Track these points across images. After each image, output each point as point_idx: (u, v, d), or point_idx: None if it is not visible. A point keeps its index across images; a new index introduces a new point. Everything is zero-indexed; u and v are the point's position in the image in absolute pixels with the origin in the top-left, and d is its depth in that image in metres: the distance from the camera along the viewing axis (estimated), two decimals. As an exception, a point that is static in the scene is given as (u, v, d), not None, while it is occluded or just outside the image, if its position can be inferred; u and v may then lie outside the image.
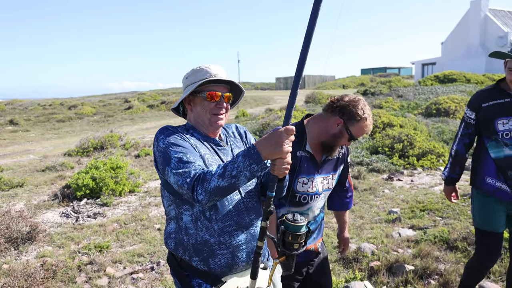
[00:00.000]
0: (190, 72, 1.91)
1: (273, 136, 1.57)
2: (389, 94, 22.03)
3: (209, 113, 1.87)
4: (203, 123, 1.90)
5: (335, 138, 2.28)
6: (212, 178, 1.58)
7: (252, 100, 27.53)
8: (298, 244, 1.67)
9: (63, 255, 4.67)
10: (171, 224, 1.87)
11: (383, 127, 10.87)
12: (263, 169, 1.62)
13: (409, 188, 7.06)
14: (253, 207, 1.90)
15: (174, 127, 1.88)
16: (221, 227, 1.78)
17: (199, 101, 1.89)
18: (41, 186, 7.73)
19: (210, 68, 1.88)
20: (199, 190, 1.59)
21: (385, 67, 60.28)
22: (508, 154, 2.75)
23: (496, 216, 2.85)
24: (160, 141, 1.78)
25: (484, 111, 2.84)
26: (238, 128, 2.12)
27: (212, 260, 1.79)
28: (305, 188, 2.32)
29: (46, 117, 21.94)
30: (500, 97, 2.79)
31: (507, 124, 2.73)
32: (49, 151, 12.30)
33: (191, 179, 1.61)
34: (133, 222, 5.77)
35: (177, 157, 1.69)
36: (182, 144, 1.75)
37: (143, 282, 4.01)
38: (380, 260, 4.05)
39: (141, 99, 30.33)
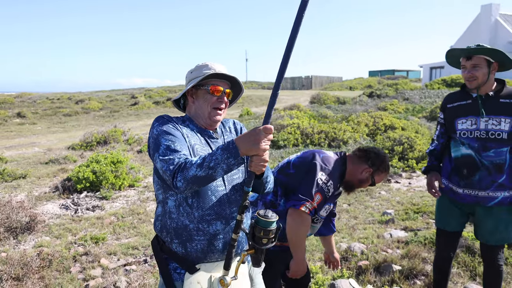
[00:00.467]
0: (195, 68, 2.02)
1: (252, 134, 1.67)
2: (395, 97, 21.98)
3: (210, 107, 1.97)
4: (203, 115, 1.99)
5: (360, 182, 2.67)
6: (191, 167, 1.69)
7: (257, 99, 27.59)
8: (267, 239, 1.73)
9: (59, 245, 4.78)
10: (159, 207, 1.98)
11: (384, 130, 10.89)
12: (239, 163, 1.71)
13: (406, 190, 7.10)
14: (236, 200, 1.97)
15: (170, 116, 1.97)
16: (201, 215, 1.86)
17: (201, 94, 1.99)
18: (43, 178, 7.86)
19: (214, 65, 2.00)
20: (179, 177, 1.69)
21: (394, 69, 60.03)
22: (464, 153, 2.86)
23: (450, 216, 3.04)
24: (155, 128, 1.89)
25: (448, 111, 3.00)
26: (235, 123, 2.20)
27: (190, 244, 1.88)
28: (323, 212, 2.67)
29: (53, 111, 22.17)
30: (463, 99, 2.92)
31: (465, 124, 2.85)
32: (53, 144, 12.46)
33: (174, 167, 1.71)
34: (130, 216, 5.87)
35: (166, 144, 1.80)
36: (173, 133, 1.85)
37: (135, 274, 4.09)
38: (368, 260, 4.10)
39: (147, 95, 30.52)
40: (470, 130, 2.84)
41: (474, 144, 2.82)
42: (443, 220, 3.10)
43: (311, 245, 4.60)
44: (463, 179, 2.89)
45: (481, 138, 2.80)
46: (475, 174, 2.83)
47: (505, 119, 2.75)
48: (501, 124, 2.76)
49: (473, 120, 2.83)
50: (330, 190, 2.52)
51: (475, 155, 2.82)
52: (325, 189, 2.49)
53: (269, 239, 1.73)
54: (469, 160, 2.84)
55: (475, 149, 2.81)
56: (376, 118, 11.51)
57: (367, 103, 20.66)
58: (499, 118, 2.76)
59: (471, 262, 3.94)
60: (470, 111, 2.85)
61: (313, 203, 2.43)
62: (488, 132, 2.78)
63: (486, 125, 2.78)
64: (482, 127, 2.80)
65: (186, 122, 2.01)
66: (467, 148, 2.85)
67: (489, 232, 2.89)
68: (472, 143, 2.83)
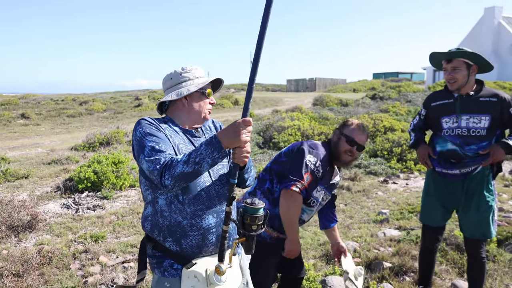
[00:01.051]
0: (188, 69, 2.10)
1: (232, 127, 1.80)
2: (398, 99, 22.00)
3: (206, 109, 2.10)
4: (196, 117, 2.09)
5: (337, 145, 2.76)
6: (178, 165, 1.78)
7: (261, 101, 27.69)
8: (256, 226, 1.83)
9: (60, 243, 4.89)
10: (148, 208, 2.03)
11: (384, 131, 10.96)
12: (223, 156, 1.82)
13: (402, 190, 7.17)
14: (224, 194, 2.06)
15: (152, 118, 2.03)
16: (193, 210, 1.94)
17: (196, 97, 2.07)
18: (46, 178, 7.99)
19: (197, 69, 2.13)
20: (166, 176, 1.78)
21: (397, 72, 59.97)
22: (450, 148, 3.04)
23: (435, 213, 3.21)
24: (137, 130, 1.95)
25: (432, 110, 3.15)
26: (214, 122, 2.28)
27: (184, 241, 1.94)
28: (317, 195, 2.76)
29: (57, 112, 22.34)
30: (445, 98, 3.07)
31: (449, 123, 3.01)
32: (57, 145, 12.61)
33: (160, 166, 1.79)
34: (130, 215, 5.98)
35: (151, 145, 1.87)
36: (156, 134, 1.92)
37: (133, 271, 4.20)
38: (360, 257, 4.19)
39: (151, 97, 30.69)
40: (452, 128, 3.00)
41: (456, 141, 3.00)
42: (428, 216, 3.28)
43: (305, 243, 4.68)
44: (453, 166, 3.07)
45: (462, 136, 2.98)
46: (462, 161, 3.03)
47: (485, 117, 2.92)
48: (481, 122, 2.93)
49: (454, 118, 2.99)
50: (319, 170, 2.65)
51: (459, 150, 3.01)
52: (314, 170, 2.63)
53: (258, 226, 1.83)
54: (454, 153, 3.03)
55: (458, 145, 3.00)
56: (376, 120, 11.58)
57: (370, 105, 20.70)
58: (480, 116, 2.93)
59: (460, 260, 4.02)
60: (452, 110, 3.01)
61: (303, 182, 2.57)
62: (469, 130, 2.95)
63: (467, 123, 2.95)
64: (463, 125, 2.96)
65: (168, 123, 2.07)
66: (452, 145, 3.03)
67: (473, 226, 3.05)
68: (454, 140, 3.01)
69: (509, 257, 4.06)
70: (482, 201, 3.01)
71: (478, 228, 3.03)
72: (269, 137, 11.02)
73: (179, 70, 2.11)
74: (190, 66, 2.11)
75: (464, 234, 3.16)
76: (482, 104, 2.94)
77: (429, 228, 3.31)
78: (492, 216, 3.04)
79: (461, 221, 3.17)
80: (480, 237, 3.06)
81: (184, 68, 2.11)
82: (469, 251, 3.18)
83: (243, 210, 1.84)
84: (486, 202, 3.02)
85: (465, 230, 3.14)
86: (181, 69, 2.11)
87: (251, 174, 2.17)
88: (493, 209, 3.05)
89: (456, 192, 3.09)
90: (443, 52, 2.99)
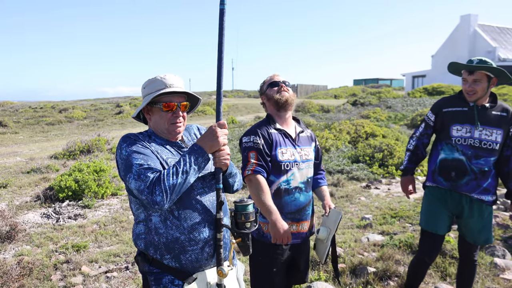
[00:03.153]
0: (147, 82, 2.02)
1: (209, 132, 1.86)
2: (378, 105, 22.31)
3: (166, 123, 1.99)
4: (161, 131, 2.02)
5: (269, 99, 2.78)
6: (168, 178, 1.76)
7: (243, 107, 27.74)
8: (249, 223, 1.87)
9: (40, 254, 4.79)
10: (140, 226, 1.97)
11: (366, 137, 11.09)
12: (207, 160, 1.86)
13: (384, 196, 7.26)
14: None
15: (136, 134, 1.99)
16: (191, 224, 1.90)
17: (156, 111, 2.00)
18: (25, 188, 7.83)
19: (166, 79, 2.00)
20: (157, 191, 1.74)
21: (378, 78, 60.81)
22: (456, 157, 2.99)
23: (439, 219, 3.08)
24: (123, 149, 1.89)
25: (443, 115, 3.08)
26: (199, 129, 2.24)
27: (184, 256, 1.91)
28: (285, 156, 2.67)
29: (36, 120, 21.95)
30: (459, 105, 3.03)
31: (461, 131, 2.97)
32: (36, 153, 12.37)
33: (150, 183, 1.76)
34: (113, 224, 5.90)
35: (138, 163, 1.82)
36: (143, 152, 1.88)
37: (117, 281, 4.14)
38: (345, 263, 4.22)
39: (133, 104, 30.41)
40: (465, 138, 2.96)
41: (468, 151, 2.96)
42: (434, 224, 3.10)
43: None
44: (449, 181, 3.03)
45: (474, 147, 2.94)
46: (463, 177, 2.98)
47: (497, 131, 2.93)
48: (493, 136, 2.93)
49: (468, 128, 2.96)
50: (257, 141, 2.63)
51: (466, 161, 2.97)
52: (251, 145, 2.63)
53: (251, 223, 1.87)
54: (459, 164, 2.99)
55: (467, 156, 2.96)
56: (358, 126, 11.71)
57: (351, 111, 20.93)
58: (492, 129, 2.93)
59: (442, 263, 4.09)
60: (466, 119, 2.97)
61: (250, 162, 2.59)
62: (481, 142, 2.93)
63: (480, 135, 2.94)
64: (476, 136, 2.94)
65: (152, 137, 2.02)
66: (461, 154, 2.98)
67: (477, 233, 3.05)
68: (465, 150, 2.96)
69: (490, 260, 4.15)
70: (484, 206, 3.00)
71: (482, 234, 3.03)
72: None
73: (147, 80, 2.04)
74: (162, 75, 2.02)
75: (468, 240, 3.11)
76: (495, 118, 2.95)
77: (432, 236, 3.10)
78: (492, 221, 3.07)
79: (463, 227, 3.11)
80: (483, 243, 3.07)
81: (152, 77, 2.02)
82: (462, 255, 3.18)
83: (234, 210, 1.88)
84: (488, 207, 3.02)
85: (468, 236, 3.09)
86: (149, 79, 2.03)
87: (237, 179, 2.17)
88: (493, 215, 3.08)
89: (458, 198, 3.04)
90: (466, 64, 2.95)
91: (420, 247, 3.25)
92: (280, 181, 2.65)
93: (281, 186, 2.66)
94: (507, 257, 4.30)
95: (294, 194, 2.68)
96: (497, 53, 32.73)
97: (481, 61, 2.89)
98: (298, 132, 2.82)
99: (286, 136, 2.74)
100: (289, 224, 2.66)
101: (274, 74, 2.85)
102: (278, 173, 2.66)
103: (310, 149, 2.84)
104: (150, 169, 1.80)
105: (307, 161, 2.78)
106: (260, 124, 2.75)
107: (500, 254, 4.32)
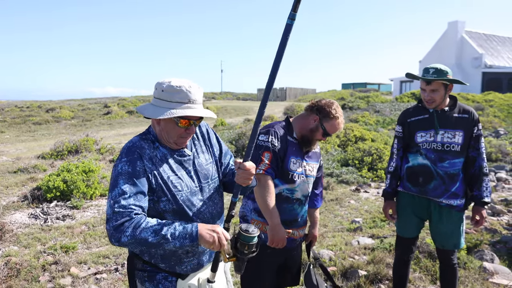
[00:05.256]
0: (169, 87, 1.81)
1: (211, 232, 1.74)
2: (367, 109, 22.48)
3: (176, 136, 1.87)
4: (167, 141, 1.89)
5: (312, 132, 2.69)
6: (146, 230, 1.67)
7: (232, 110, 27.70)
8: (248, 252, 1.81)
9: (28, 255, 4.71)
10: None
11: (355, 141, 11.16)
12: (193, 245, 1.80)
13: (374, 199, 7.31)
14: (217, 213, 2.04)
15: (142, 149, 1.84)
16: None
17: (169, 121, 1.84)
18: (12, 188, 7.71)
19: (191, 93, 1.81)
20: (128, 232, 1.65)
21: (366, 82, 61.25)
22: (421, 163, 3.11)
23: (408, 224, 3.26)
24: (122, 163, 1.78)
25: (408, 125, 3.19)
26: (201, 127, 2.11)
27: (179, 267, 1.92)
28: (295, 167, 2.68)
29: (23, 119, 21.63)
30: (421, 114, 3.15)
31: (425, 137, 3.08)
32: (22, 153, 12.20)
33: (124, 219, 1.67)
34: (102, 225, 5.83)
35: (122, 189, 1.71)
36: (136, 178, 1.75)
37: (106, 282, 4.09)
38: (336, 266, 4.23)
39: (121, 105, 30.18)
40: (429, 142, 3.07)
41: (431, 155, 3.06)
42: (403, 228, 3.31)
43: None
44: (417, 186, 3.13)
45: (437, 150, 3.04)
46: (430, 182, 3.08)
47: (459, 133, 3.03)
48: (455, 138, 3.02)
49: (431, 133, 3.06)
50: (274, 144, 2.61)
51: (431, 165, 3.06)
52: (269, 146, 2.59)
53: (250, 251, 1.81)
54: (425, 169, 3.09)
55: (431, 160, 3.06)
56: (347, 130, 11.78)
57: (340, 115, 21.01)
58: (454, 131, 3.03)
59: (432, 267, 4.13)
60: (429, 125, 3.08)
61: (263, 162, 2.56)
62: (443, 145, 3.03)
63: (442, 138, 3.04)
64: (438, 139, 3.04)
65: (156, 143, 1.90)
66: (424, 158, 3.09)
67: (444, 238, 3.13)
68: (429, 154, 3.06)
69: (478, 264, 4.20)
70: (453, 212, 3.08)
71: (450, 239, 3.11)
72: (241, 145, 11.01)
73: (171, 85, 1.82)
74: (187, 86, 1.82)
75: (436, 245, 3.23)
76: (456, 120, 3.04)
77: (402, 239, 3.33)
78: (462, 226, 3.13)
79: (432, 232, 3.23)
80: (451, 248, 3.14)
81: (178, 86, 1.81)
82: (441, 259, 3.26)
83: (238, 234, 1.81)
84: (457, 213, 3.09)
85: (436, 241, 3.20)
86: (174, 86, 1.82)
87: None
88: (463, 219, 3.14)
89: (427, 203, 3.15)
90: (422, 77, 3.03)
91: (395, 249, 3.45)
92: (283, 187, 2.68)
93: (283, 192, 2.68)
94: (495, 261, 4.36)
95: (294, 205, 2.72)
96: (483, 60, 33.25)
97: (436, 70, 2.97)
98: (315, 150, 2.86)
99: (300, 148, 2.75)
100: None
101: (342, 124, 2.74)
102: (284, 180, 2.68)
103: (316, 166, 2.87)
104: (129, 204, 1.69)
105: (311, 176, 2.82)
106: (280, 127, 2.72)
107: (488, 258, 4.38)
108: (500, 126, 16.75)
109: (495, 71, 33.35)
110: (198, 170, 1.97)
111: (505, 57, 36.53)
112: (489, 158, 10.19)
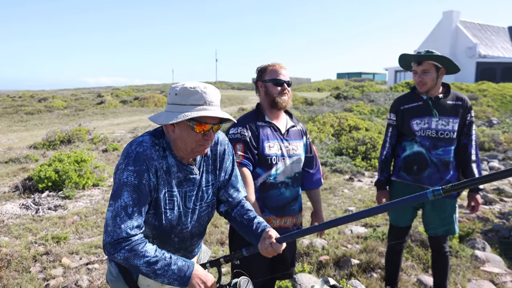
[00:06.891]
0: (182, 90, 1.71)
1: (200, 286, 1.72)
2: (361, 99, 22.50)
3: (194, 143, 1.73)
4: (184, 149, 1.77)
5: (268, 95, 2.66)
6: (141, 258, 1.65)
7: (226, 99, 27.59)
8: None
9: (19, 245, 4.68)
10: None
11: (349, 130, 11.16)
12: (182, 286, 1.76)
13: (367, 188, 7.32)
14: (199, 233, 1.99)
15: (150, 159, 1.72)
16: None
17: (185, 127, 1.71)
18: (3, 178, 7.64)
19: (206, 93, 1.70)
20: (123, 252, 1.63)
21: (361, 72, 61.31)
22: (415, 151, 3.10)
23: (402, 213, 3.26)
24: (128, 171, 1.68)
25: (402, 113, 3.17)
26: (220, 144, 1.97)
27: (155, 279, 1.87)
28: (272, 150, 2.62)
29: (15, 109, 21.45)
30: (414, 101, 3.13)
31: (420, 124, 3.06)
32: (14, 143, 12.09)
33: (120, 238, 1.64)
34: (94, 215, 5.80)
35: (126, 203, 1.66)
36: (141, 191, 1.69)
37: (98, 272, 4.07)
38: (329, 255, 4.23)
39: (114, 94, 29.99)
40: (423, 129, 3.06)
41: (426, 142, 3.05)
42: (396, 217, 3.33)
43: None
44: (412, 175, 3.12)
45: (432, 137, 3.04)
46: (424, 170, 3.08)
47: (453, 120, 3.02)
48: (449, 125, 3.02)
49: (426, 120, 3.05)
50: (244, 133, 2.57)
51: (426, 153, 3.06)
52: (239, 136, 2.56)
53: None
54: (419, 157, 3.08)
55: (426, 147, 3.05)
56: (341, 119, 11.77)
57: (334, 105, 21.04)
58: (448, 118, 3.03)
59: (424, 255, 4.14)
60: (424, 112, 3.06)
61: (237, 153, 2.52)
62: (438, 132, 3.03)
63: (437, 125, 3.03)
64: (433, 126, 3.03)
65: (166, 152, 1.78)
66: (419, 146, 3.08)
67: (438, 225, 3.13)
68: (424, 141, 3.06)
69: (470, 253, 4.22)
70: (447, 200, 3.08)
71: (442, 226, 3.12)
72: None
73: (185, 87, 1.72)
74: (202, 87, 1.72)
75: (428, 233, 3.25)
76: (450, 107, 3.04)
77: (396, 229, 3.35)
78: (456, 214, 3.14)
79: (425, 220, 3.24)
80: (444, 234, 3.16)
81: (192, 87, 1.71)
82: (433, 247, 3.28)
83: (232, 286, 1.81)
84: (450, 201, 3.10)
85: (429, 229, 3.21)
86: (188, 87, 1.71)
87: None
88: (456, 207, 3.15)
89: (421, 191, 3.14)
90: (413, 54, 3.05)
91: (388, 238, 3.46)
92: (266, 175, 2.62)
93: (267, 180, 2.62)
94: (487, 249, 4.38)
95: (280, 189, 2.65)
96: (477, 49, 33.30)
97: (428, 51, 3.01)
98: (289, 127, 2.76)
99: (275, 130, 2.68)
100: (273, 219, 2.64)
101: (280, 66, 2.68)
102: (265, 167, 2.61)
103: (299, 144, 2.77)
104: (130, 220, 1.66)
105: (295, 155, 2.72)
106: (248, 116, 2.69)
107: (480, 247, 4.40)
108: (493, 116, 16.82)
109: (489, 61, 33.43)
110: (197, 191, 1.89)
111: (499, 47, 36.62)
112: (482, 147, 10.23)
